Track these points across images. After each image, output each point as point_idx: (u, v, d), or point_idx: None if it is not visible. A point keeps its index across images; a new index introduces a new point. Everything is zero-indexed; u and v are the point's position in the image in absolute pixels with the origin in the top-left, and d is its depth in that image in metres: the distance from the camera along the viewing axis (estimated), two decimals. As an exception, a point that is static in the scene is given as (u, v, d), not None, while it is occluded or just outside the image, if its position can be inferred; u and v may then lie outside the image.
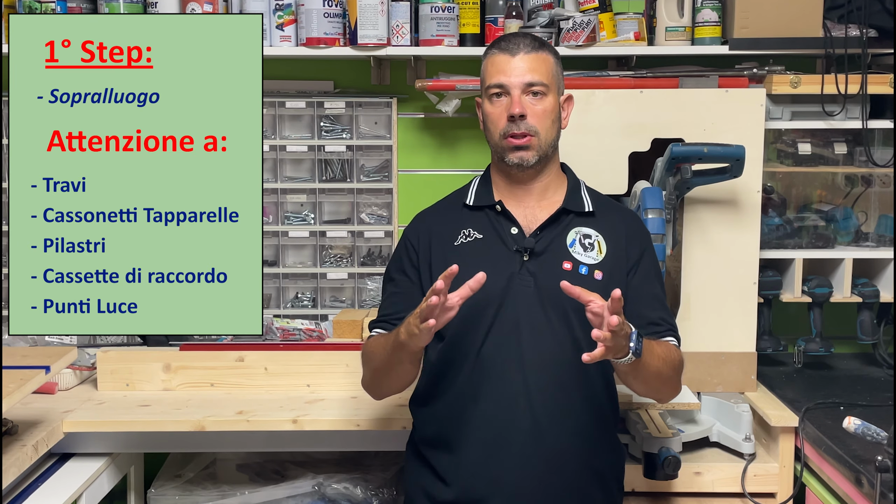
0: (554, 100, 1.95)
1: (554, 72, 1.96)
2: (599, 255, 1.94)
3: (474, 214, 1.99)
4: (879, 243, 2.72)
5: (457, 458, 1.92)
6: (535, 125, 1.91)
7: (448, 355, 1.95)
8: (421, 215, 2.09)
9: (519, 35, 1.98)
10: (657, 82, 2.57)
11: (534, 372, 1.89)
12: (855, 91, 2.57)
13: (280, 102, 2.90)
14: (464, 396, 1.92)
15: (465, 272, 1.84)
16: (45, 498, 2.14)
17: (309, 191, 2.95)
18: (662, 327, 1.96)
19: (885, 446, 2.05)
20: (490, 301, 1.89)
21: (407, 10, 2.72)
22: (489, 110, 1.94)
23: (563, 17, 2.69)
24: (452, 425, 1.93)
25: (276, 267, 2.97)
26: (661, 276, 2.04)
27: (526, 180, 1.97)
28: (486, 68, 1.96)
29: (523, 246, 1.93)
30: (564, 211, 1.97)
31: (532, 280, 1.90)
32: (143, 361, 2.52)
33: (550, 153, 1.97)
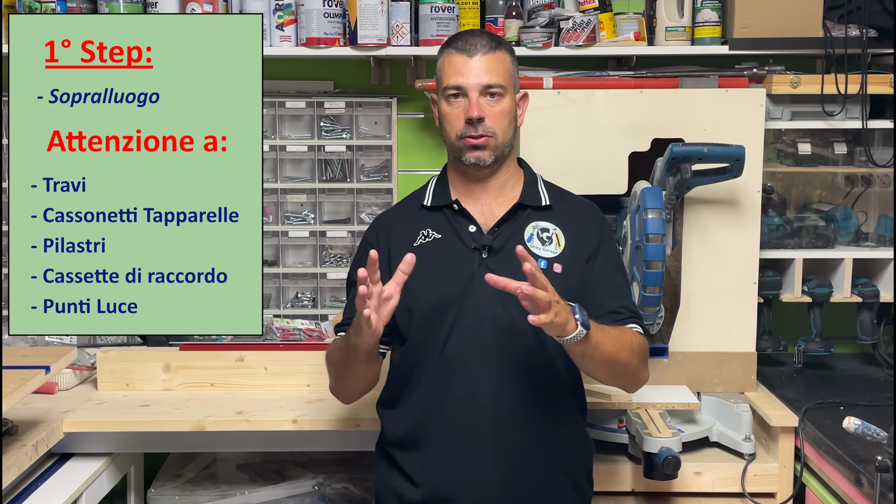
0: (511, 100, 1.94)
1: (511, 71, 1.95)
2: (558, 249, 1.95)
3: (432, 215, 2.00)
4: (879, 243, 2.72)
5: (425, 459, 1.93)
6: (493, 126, 1.91)
7: (412, 357, 1.96)
8: (380, 217, 2.11)
9: (475, 34, 1.96)
10: (657, 82, 2.57)
11: (498, 369, 1.89)
12: (855, 91, 2.57)
13: (280, 102, 2.90)
14: (430, 397, 1.92)
15: (425, 273, 1.87)
16: (45, 498, 2.14)
17: (309, 191, 2.95)
18: (623, 315, 1.95)
19: (885, 446, 2.05)
20: (451, 301, 1.90)
21: (407, 10, 2.72)
22: (446, 111, 1.94)
23: (563, 17, 2.69)
24: (420, 426, 1.94)
25: (276, 267, 2.97)
26: (623, 266, 2.04)
27: (483, 178, 1.98)
28: (443, 68, 1.95)
29: (481, 243, 1.93)
30: (521, 206, 1.98)
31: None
32: (143, 361, 2.52)
33: (507, 152, 1.97)
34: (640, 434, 2.29)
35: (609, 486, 2.37)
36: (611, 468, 2.37)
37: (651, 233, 2.27)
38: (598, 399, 2.42)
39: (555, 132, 2.51)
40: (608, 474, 2.37)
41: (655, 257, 2.27)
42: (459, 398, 1.90)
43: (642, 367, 1.95)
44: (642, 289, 2.30)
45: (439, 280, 1.92)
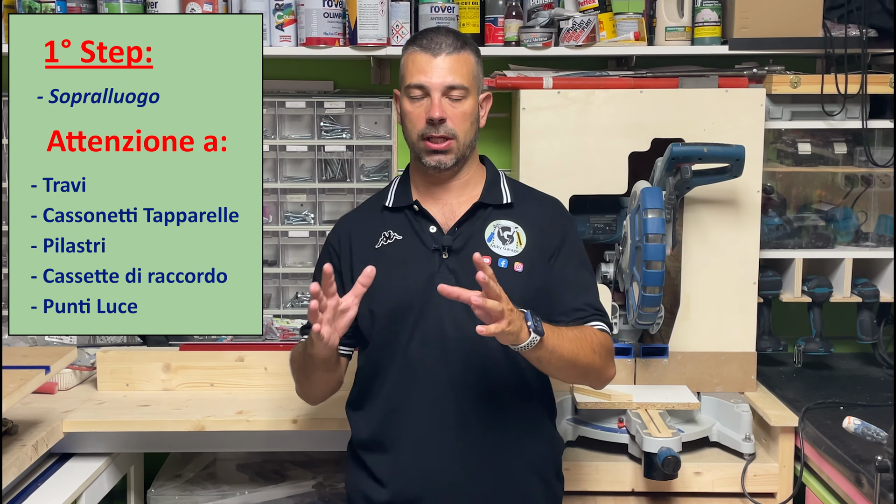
0: (473, 101, 1.94)
1: (475, 72, 1.94)
2: (519, 247, 1.94)
3: (394, 216, 2.00)
4: (879, 243, 2.72)
5: (391, 459, 1.94)
6: (455, 128, 1.90)
7: (375, 359, 1.97)
8: (342, 220, 2.10)
9: (441, 33, 1.95)
10: (657, 82, 2.57)
11: (460, 369, 1.90)
12: (855, 91, 2.57)
13: (280, 102, 2.90)
14: (394, 398, 1.93)
15: (386, 274, 1.88)
16: (45, 498, 2.14)
17: (309, 191, 2.95)
18: (586, 312, 1.94)
19: (885, 446, 2.05)
20: (412, 302, 1.90)
21: (407, 10, 2.72)
22: (408, 109, 1.93)
23: (563, 17, 2.69)
24: (385, 427, 1.94)
25: (276, 267, 2.97)
26: (587, 262, 2.03)
27: (444, 180, 1.97)
28: (406, 65, 1.94)
29: (441, 244, 1.93)
30: (481, 205, 1.97)
31: (453, 277, 1.90)
32: (143, 361, 2.52)
33: (468, 153, 1.96)
34: (640, 434, 2.29)
35: (609, 486, 2.37)
36: (611, 468, 2.37)
37: (651, 233, 2.27)
38: (598, 399, 2.43)
39: (555, 132, 2.51)
40: (608, 474, 2.37)
41: (655, 257, 2.27)
42: (423, 400, 1.91)
43: (606, 364, 1.94)
44: (642, 289, 2.30)
45: (400, 282, 1.92)
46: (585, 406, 2.42)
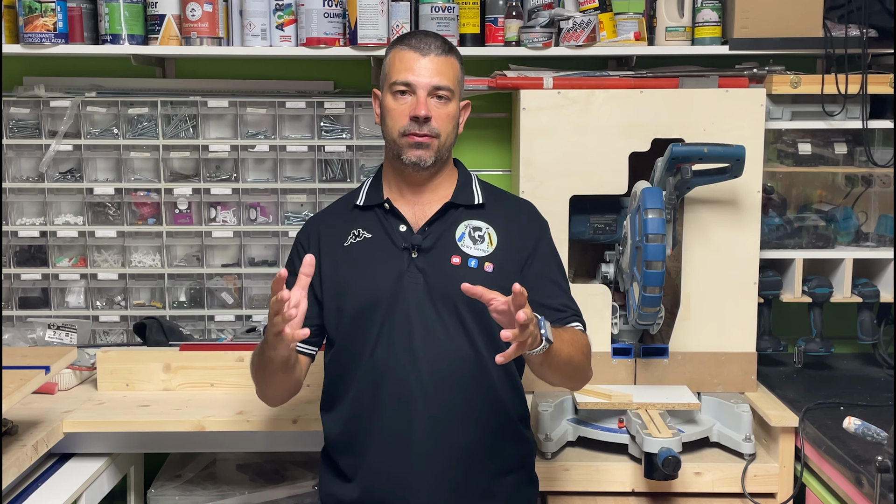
0: (456, 105, 1.95)
1: (459, 78, 1.96)
2: (490, 248, 1.94)
3: (364, 214, 2.00)
4: (879, 243, 2.72)
5: (360, 460, 1.94)
6: (438, 128, 1.91)
7: (342, 359, 1.96)
8: (313, 218, 2.10)
9: (430, 35, 1.97)
10: (657, 82, 2.57)
11: (428, 370, 1.89)
12: (855, 91, 2.57)
13: (280, 102, 2.89)
14: (362, 399, 1.93)
15: (354, 273, 1.90)
16: (45, 498, 2.14)
17: (309, 191, 2.94)
18: (566, 313, 1.96)
19: (885, 446, 2.05)
20: (380, 301, 1.89)
21: (407, 10, 2.72)
22: (391, 105, 1.92)
23: (563, 17, 2.69)
24: (354, 428, 1.94)
25: (277, 267, 2.97)
26: (561, 262, 2.05)
27: (419, 181, 1.97)
28: (393, 63, 1.94)
29: (411, 243, 1.93)
30: (453, 205, 1.98)
31: (421, 277, 1.90)
32: (143, 361, 2.52)
33: (446, 156, 1.97)
34: (640, 434, 2.28)
35: (609, 486, 2.37)
36: (611, 468, 2.37)
37: (651, 233, 2.27)
38: (599, 399, 2.43)
39: (555, 132, 2.51)
40: (608, 474, 2.37)
41: (655, 257, 2.27)
42: (390, 401, 1.90)
43: (589, 366, 1.98)
44: (642, 289, 2.30)
45: (368, 280, 1.92)
46: (585, 406, 2.42)
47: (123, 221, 2.92)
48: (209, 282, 2.96)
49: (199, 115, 2.89)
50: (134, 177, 2.94)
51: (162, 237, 2.93)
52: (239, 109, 2.89)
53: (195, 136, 2.90)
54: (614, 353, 2.57)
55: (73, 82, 2.93)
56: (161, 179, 2.91)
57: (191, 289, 2.97)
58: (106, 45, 2.71)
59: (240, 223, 2.94)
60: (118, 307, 2.97)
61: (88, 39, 2.75)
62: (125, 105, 2.88)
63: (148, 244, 2.95)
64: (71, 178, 2.92)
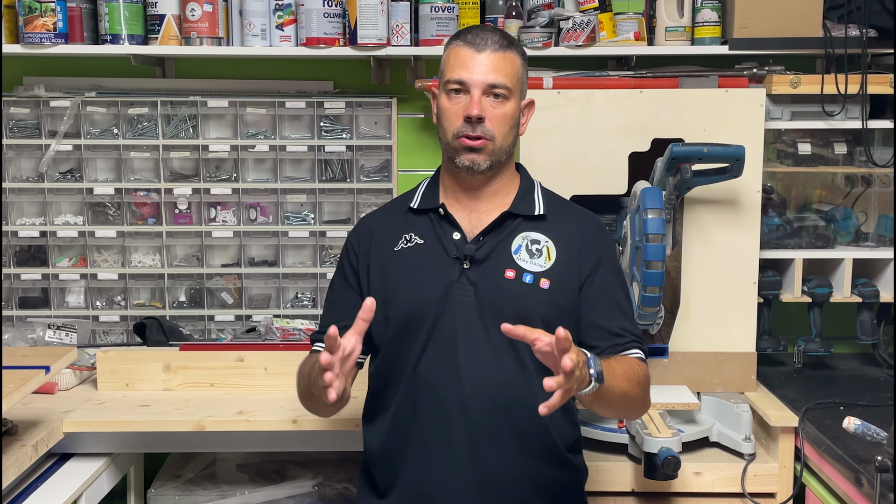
0: (515, 105, 1.84)
1: (519, 74, 1.85)
2: (547, 262, 1.83)
3: (418, 218, 1.90)
4: (879, 243, 2.72)
5: (397, 476, 1.85)
6: (493, 130, 1.80)
7: (385, 370, 1.87)
8: (365, 218, 2.01)
9: (487, 29, 1.85)
10: (657, 82, 2.57)
11: (471, 388, 1.79)
12: (855, 91, 2.57)
13: (280, 102, 2.90)
14: (402, 413, 1.84)
15: (403, 279, 1.81)
16: (45, 498, 2.14)
17: (309, 191, 2.95)
18: (625, 339, 1.85)
19: (885, 446, 2.05)
20: (427, 313, 1.80)
21: (407, 10, 2.72)
22: (445, 106, 1.83)
23: (563, 17, 2.69)
24: (392, 444, 1.86)
25: (276, 267, 2.97)
26: (625, 283, 1.95)
27: (476, 185, 1.87)
28: (448, 60, 1.83)
29: (463, 253, 1.82)
30: (511, 215, 1.87)
31: (472, 289, 1.80)
32: (143, 361, 2.52)
33: (504, 159, 1.87)
34: (640, 434, 2.28)
35: (609, 486, 2.36)
36: (611, 468, 2.37)
37: (651, 233, 2.26)
38: (598, 399, 2.42)
39: (555, 132, 2.51)
40: (608, 474, 2.37)
41: (655, 257, 2.27)
42: (430, 418, 1.81)
43: (647, 396, 1.86)
44: (642, 289, 2.30)
45: (416, 289, 1.83)
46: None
47: (123, 221, 2.92)
48: (209, 282, 2.96)
49: (199, 115, 2.89)
50: (134, 177, 2.94)
51: (162, 237, 2.94)
52: (239, 109, 2.89)
53: (195, 136, 2.90)
54: (614, 353, 2.57)
55: (73, 82, 2.93)
56: (161, 179, 2.91)
57: (191, 289, 2.97)
58: (106, 45, 2.71)
59: (240, 223, 2.95)
60: (118, 307, 2.97)
61: (88, 39, 2.75)
62: (125, 105, 2.88)
63: (148, 244, 2.95)
64: (71, 178, 2.92)
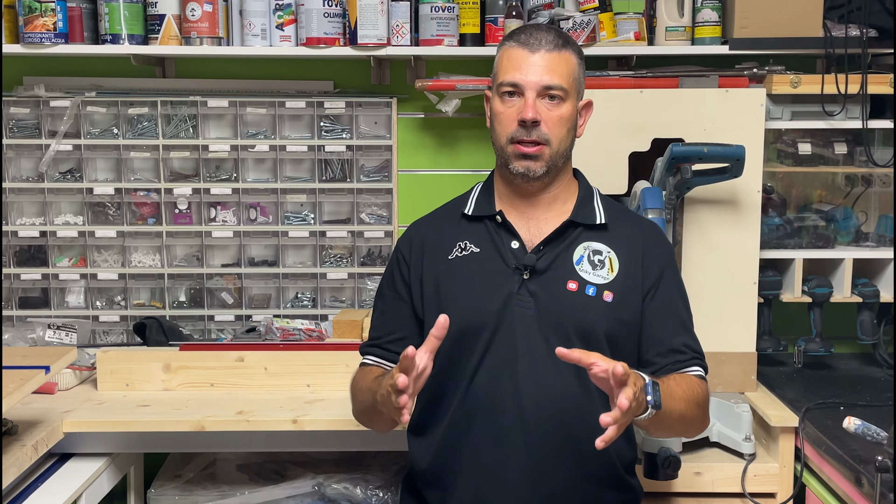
0: (572, 106, 1.77)
1: (576, 75, 1.77)
2: (610, 274, 1.77)
3: (473, 225, 1.83)
4: (879, 243, 2.72)
5: (448, 495, 1.78)
6: (549, 133, 1.74)
7: (439, 384, 1.79)
8: (416, 224, 1.93)
9: (542, 29, 1.78)
10: (657, 82, 2.57)
11: (531, 405, 1.73)
12: (855, 91, 2.57)
13: (280, 102, 2.90)
14: (456, 430, 1.77)
15: (458, 289, 1.75)
16: (45, 498, 2.14)
17: (309, 191, 2.95)
18: (686, 356, 1.80)
19: (885, 446, 2.05)
20: (484, 324, 1.74)
21: (407, 9, 2.72)
22: (499, 109, 1.77)
23: (563, 17, 2.69)
24: (444, 460, 1.79)
25: (276, 267, 2.97)
26: (686, 296, 1.88)
27: (532, 191, 1.81)
28: (501, 62, 1.78)
29: (523, 263, 1.76)
30: (572, 224, 1.80)
31: (532, 301, 1.75)
32: (143, 361, 2.52)
33: (561, 164, 1.80)
34: (640, 434, 2.28)
35: (609, 486, 2.36)
36: (611, 468, 2.37)
37: (651, 233, 2.26)
38: (598, 399, 2.42)
39: (555, 132, 2.51)
40: (608, 474, 2.37)
41: (655, 257, 2.27)
42: (486, 434, 1.74)
43: (706, 416, 1.81)
44: (642, 289, 2.30)
45: (473, 300, 1.76)
46: (585, 406, 2.42)
47: (123, 221, 2.92)
48: (209, 282, 2.96)
49: (199, 115, 2.89)
50: (134, 177, 2.94)
51: (162, 237, 2.94)
52: (239, 109, 2.89)
53: (195, 136, 2.90)
54: (614, 353, 2.57)
55: (73, 82, 2.93)
56: (161, 179, 2.91)
57: (191, 289, 2.97)
58: (106, 45, 2.71)
59: (240, 223, 2.95)
60: (118, 307, 2.97)
61: (88, 39, 2.75)
62: (125, 105, 2.88)
63: (148, 244, 2.95)
64: (71, 178, 2.92)
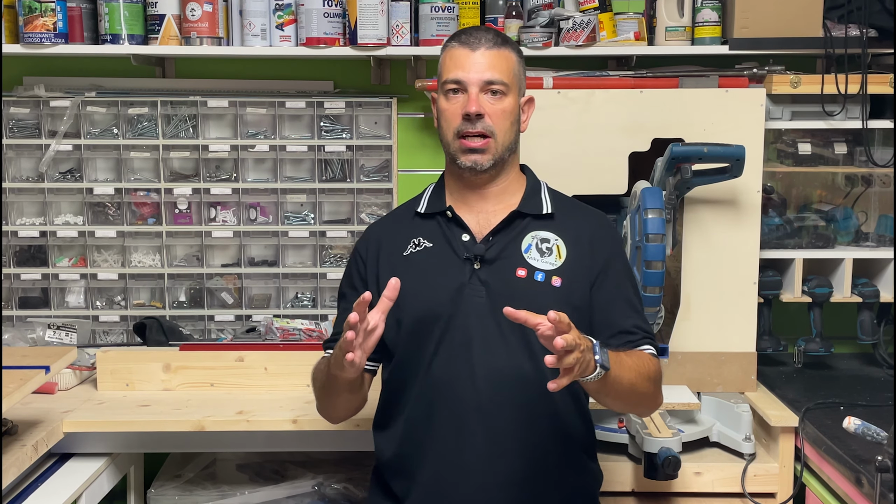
0: (514, 100, 1.85)
1: (516, 71, 1.86)
2: (558, 261, 1.84)
3: (426, 222, 1.91)
4: (879, 243, 2.72)
5: (412, 483, 1.84)
6: (493, 125, 1.81)
7: (399, 374, 1.87)
8: (373, 226, 2.02)
9: (481, 29, 1.89)
10: (657, 82, 2.57)
11: (486, 390, 1.79)
12: (855, 91, 2.57)
13: (280, 102, 2.90)
14: (417, 418, 1.83)
15: (413, 283, 1.80)
16: (45, 498, 2.14)
17: (309, 191, 2.95)
18: (636, 335, 1.86)
19: (885, 446, 2.05)
20: (439, 314, 1.81)
21: (407, 9, 2.72)
22: (444, 106, 1.85)
23: (563, 17, 2.69)
24: (407, 448, 1.85)
25: (276, 267, 2.97)
26: (635, 280, 1.96)
27: (480, 185, 1.88)
28: (444, 62, 1.86)
29: (473, 253, 1.83)
30: (519, 214, 1.88)
31: (484, 290, 1.81)
32: (143, 361, 2.52)
33: (507, 157, 1.87)
34: (640, 434, 2.29)
35: (609, 486, 2.36)
36: (611, 468, 2.37)
37: (651, 233, 2.27)
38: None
39: (555, 132, 2.51)
40: (608, 474, 2.36)
41: (655, 257, 2.27)
42: (445, 420, 1.81)
43: (658, 392, 1.87)
44: (642, 289, 2.30)
45: (427, 291, 1.83)
46: (585, 406, 2.42)
47: (123, 221, 2.92)
48: (209, 282, 2.96)
49: (199, 115, 2.89)
50: (134, 177, 2.94)
51: (162, 237, 2.94)
52: (239, 109, 2.89)
53: (195, 136, 2.90)
54: (614, 353, 2.57)
55: (73, 82, 2.93)
56: (161, 179, 2.91)
57: (191, 289, 2.97)
58: (106, 45, 2.71)
59: (240, 223, 2.95)
60: (118, 307, 2.97)
61: (88, 39, 2.75)
62: (125, 105, 2.88)
63: (148, 244, 2.95)
64: (71, 178, 2.92)
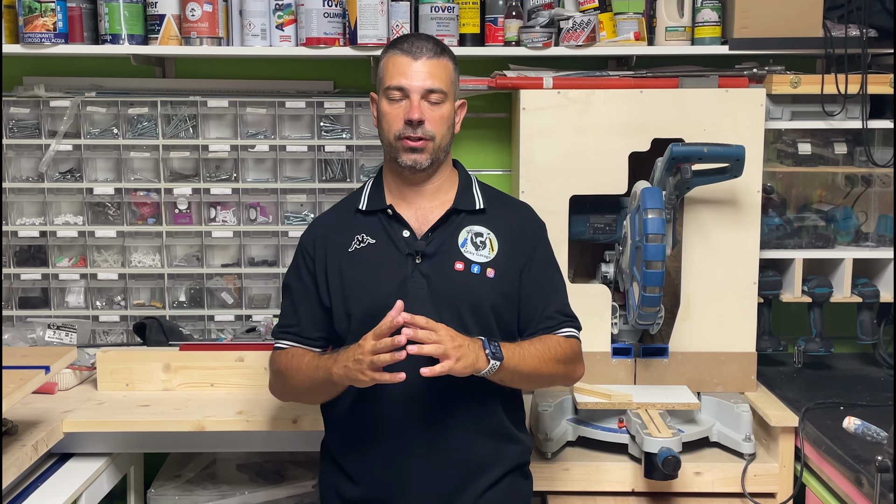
0: (450, 106, 1.97)
1: (452, 78, 1.98)
2: (492, 253, 1.97)
3: (368, 219, 2.01)
4: (879, 243, 2.72)
5: (362, 458, 1.98)
6: (433, 130, 1.93)
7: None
8: (316, 222, 2.11)
9: (422, 38, 1.99)
10: (657, 82, 2.57)
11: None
12: (855, 91, 2.57)
13: (280, 102, 2.89)
14: (364, 398, 1.95)
15: (359, 278, 1.94)
16: (45, 498, 2.14)
17: (309, 191, 2.94)
18: (556, 321, 1.99)
19: (885, 446, 2.05)
20: (385, 306, 1.86)
21: (407, 10, 2.72)
22: (386, 110, 1.95)
23: (563, 17, 2.69)
24: (356, 427, 1.98)
25: (276, 267, 2.97)
26: (558, 266, 2.07)
27: (418, 182, 2.00)
28: (387, 67, 1.96)
29: (415, 249, 1.95)
30: (455, 210, 2.00)
31: (425, 282, 1.93)
32: (143, 361, 2.52)
33: (443, 157, 1.99)
34: (640, 434, 2.29)
35: (609, 486, 2.37)
36: (611, 468, 2.37)
37: (651, 233, 2.27)
38: (598, 399, 2.42)
39: (555, 132, 2.51)
40: (608, 474, 2.37)
41: (655, 257, 2.27)
42: (391, 400, 1.93)
43: (572, 369, 2.01)
44: (642, 289, 2.30)
45: (373, 285, 1.94)
46: (585, 406, 2.42)
47: (123, 221, 2.92)
48: (209, 282, 2.96)
49: (199, 115, 2.89)
50: (134, 177, 2.94)
51: (162, 237, 2.94)
52: (239, 109, 2.89)
53: (195, 136, 2.90)
54: (614, 353, 2.57)
55: (73, 82, 2.93)
56: (161, 179, 2.91)
57: (191, 289, 2.97)
58: (106, 45, 2.71)
59: (240, 223, 2.94)
60: (118, 307, 2.97)
61: (88, 39, 2.75)
62: (125, 105, 2.88)
63: (148, 244, 2.95)
64: (71, 178, 2.92)
